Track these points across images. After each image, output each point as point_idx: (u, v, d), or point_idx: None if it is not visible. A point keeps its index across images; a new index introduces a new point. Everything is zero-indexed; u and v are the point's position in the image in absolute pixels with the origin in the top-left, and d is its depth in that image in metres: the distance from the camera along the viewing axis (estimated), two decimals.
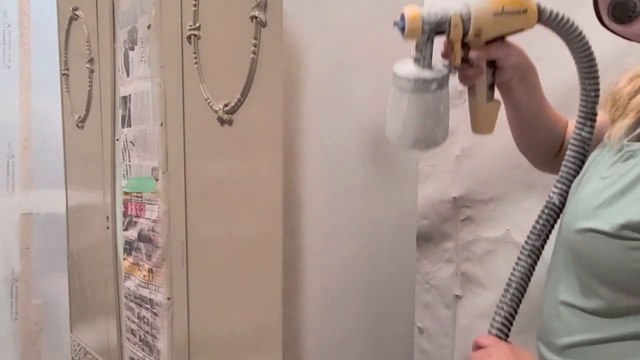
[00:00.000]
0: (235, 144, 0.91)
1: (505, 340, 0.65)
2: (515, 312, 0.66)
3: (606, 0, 0.59)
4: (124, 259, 1.29)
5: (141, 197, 1.19)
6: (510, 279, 0.67)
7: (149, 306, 1.20)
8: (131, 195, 1.23)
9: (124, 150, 1.26)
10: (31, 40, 2.40)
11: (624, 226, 0.52)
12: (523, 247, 0.67)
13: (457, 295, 1.17)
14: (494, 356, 0.61)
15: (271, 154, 0.83)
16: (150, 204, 1.16)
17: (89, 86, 1.44)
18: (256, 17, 0.82)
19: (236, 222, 0.93)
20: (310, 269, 0.84)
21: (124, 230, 1.28)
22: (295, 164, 0.81)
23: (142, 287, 1.21)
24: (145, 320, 1.22)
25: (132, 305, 1.27)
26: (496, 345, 0.63)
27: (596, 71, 0.66)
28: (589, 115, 0.66)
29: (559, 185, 0.66)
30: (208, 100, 0.95)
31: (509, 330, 0.66)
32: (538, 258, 0.66)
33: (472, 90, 0.75)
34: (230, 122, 0.91)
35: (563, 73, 0.80)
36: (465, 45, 0.69)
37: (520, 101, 0.75)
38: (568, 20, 0.66)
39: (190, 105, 1.02)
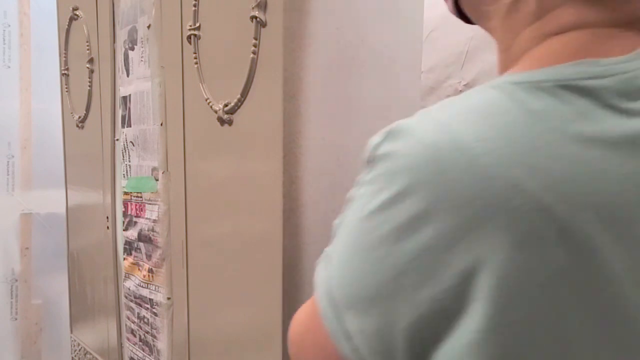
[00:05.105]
0: (235, 144, 0.91)
1: None
2: None
3: None
4: (124, 259, 1.29)
5: (141, 197, 1.19)
6: None
7: (149, 306, 1.20)
8: (131, 195, 1.23)
9: (124, 150, 1.26)
10: (31, 40, 2.40)
11: None
12: None
13: None
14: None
15: (271, 154, 0.83)
16: (150, 204, 1.16)
17: (89, 86, 1.44)
18: (256, 17, 0.82)
19: (236, 222, 0.93)
20: (310, 269, 0.84)
21: (124, 230, 1.28)
22: (295, 164, 0.81)
23: (142, 287, 1.21)
24: (145, 320, 1.22)
25: (132, 305, 1.27)
26: None
27: None
28: None
29: None
30: (208, 100, 0.95)
31: None
32: None
33: None
34: (230, 122, 0.91)
35: None
36: None
37: None
38: None
39: (190, 105, 1.02)
